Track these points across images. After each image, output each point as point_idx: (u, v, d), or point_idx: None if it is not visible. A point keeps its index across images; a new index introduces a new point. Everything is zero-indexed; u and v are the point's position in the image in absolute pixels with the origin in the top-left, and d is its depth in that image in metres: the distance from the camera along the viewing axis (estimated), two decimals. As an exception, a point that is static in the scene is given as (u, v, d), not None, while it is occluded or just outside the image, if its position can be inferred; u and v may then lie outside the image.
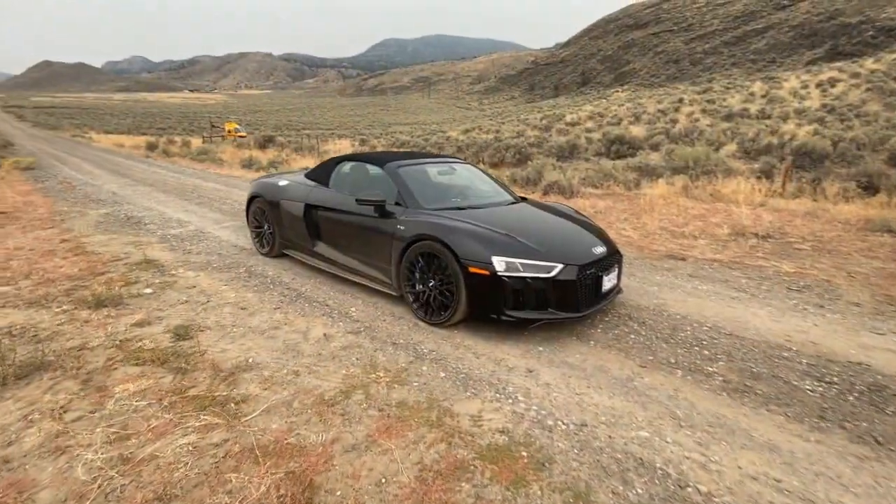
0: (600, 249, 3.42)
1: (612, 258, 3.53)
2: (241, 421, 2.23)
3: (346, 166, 4.59)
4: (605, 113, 37.32)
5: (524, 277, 3.04)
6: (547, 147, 20.62)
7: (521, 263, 3.06)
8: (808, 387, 2.62)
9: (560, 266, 3.10)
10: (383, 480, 1.88)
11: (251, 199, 5.29)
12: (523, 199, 4.46)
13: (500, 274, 3.02)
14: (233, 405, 2.36)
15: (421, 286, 3.43)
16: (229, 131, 44.98)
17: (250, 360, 2.84)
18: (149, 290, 4.04)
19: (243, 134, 43.31)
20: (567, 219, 3.93)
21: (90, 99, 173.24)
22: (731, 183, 9.31)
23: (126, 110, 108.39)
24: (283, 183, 4.99)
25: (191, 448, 2.03)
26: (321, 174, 4.69)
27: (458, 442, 2.12)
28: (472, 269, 3.07)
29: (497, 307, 3.08)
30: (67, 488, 1.81)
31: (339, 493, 1.81)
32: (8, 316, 3.52)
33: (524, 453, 2.05)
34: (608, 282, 3.41)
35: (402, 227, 3.54)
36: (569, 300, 3.14)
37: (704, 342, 3.16)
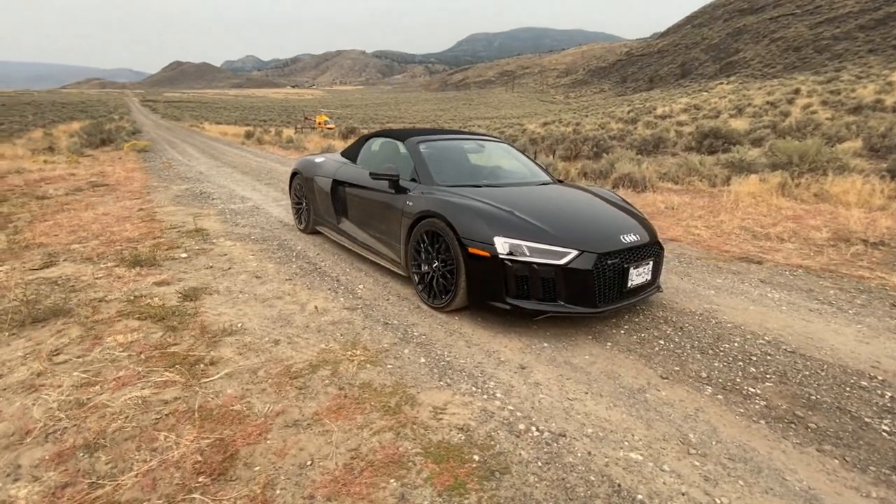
0: (631, 238, 2.92)
1: (648, 250, 3.01)
2: (199, 382, 2.18)
3: (376, 143, 4.47)
4: (702, 105, 33.85)
5: (530, 262, 2.68)
6: (629, 140, 19.12)
7: (527, 247, 2.70)
8: (884, 427, 1.98)
9: (574, 253, 2.69)
10: (309, 463, 1.70)
11: (293, 176, 5.40)
12: (560, 182, 4.03)
13: (501, 257, 2.69)
14: (201, 366, 2.32)
15: (426, 267, 3.20)
16: (319, 123, 47.94)
17: (239, 325, 2.82)
18: (184, 255, 4.26)
19: (332, 126, 45.86)
20: (602, 203, 3.45)
21: (210, 94, 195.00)
22: (844, 182, 7.83)
23: (237, 104, 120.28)
24: (319, 160, 5.02)
25: (140, 402, 2.01)
26: (352, 151, 4.63)
27: (407, 433, 1.87)
28: (471, 250, 2.77)
29: (498, 294, 2.75)
30: (20, 424, 1.87)
31: (257, 468, 1.66)
32: (64, 268, 3.90)
33: (476, 457, 1.75)
34: (638, 276, 2.91)
35: (410, 204, 3.32)
36: (584, 293, 2.71)
37: (753, 358, 2.57)
